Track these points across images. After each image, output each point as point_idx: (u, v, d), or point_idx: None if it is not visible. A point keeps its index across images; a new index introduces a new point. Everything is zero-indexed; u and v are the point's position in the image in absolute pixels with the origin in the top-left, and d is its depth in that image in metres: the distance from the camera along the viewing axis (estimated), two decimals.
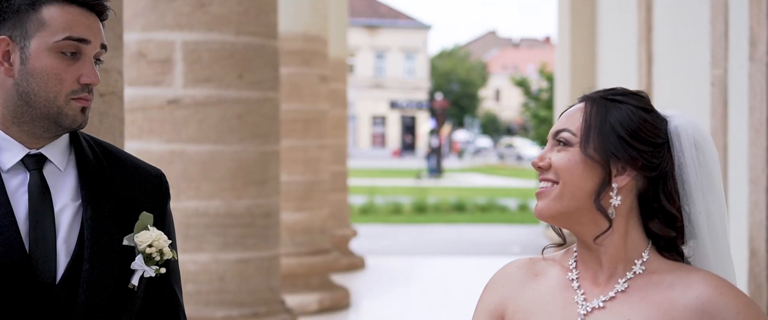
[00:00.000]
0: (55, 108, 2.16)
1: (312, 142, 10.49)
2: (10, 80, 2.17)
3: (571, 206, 2.06)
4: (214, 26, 6.52)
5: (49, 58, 2.16)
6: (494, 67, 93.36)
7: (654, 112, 2.10)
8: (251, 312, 6.63)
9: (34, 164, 2.19)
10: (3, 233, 2.12)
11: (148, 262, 2.23)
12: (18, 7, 2.17)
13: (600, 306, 2.07)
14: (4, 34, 2.17)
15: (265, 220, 6.79)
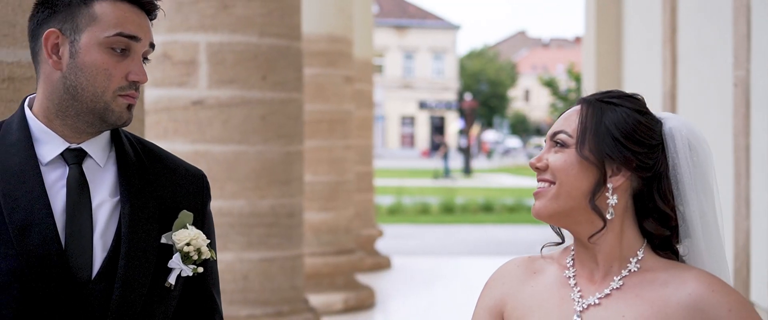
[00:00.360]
0: (102, 103, 2.16)
1: (337, 143, 10.56)
2: (57, 73, 2.17)
3: (567, 206, 2.11)
4: (238, 28, 6.58)
5: (98, 53, 2.15)
6: (523, 67, 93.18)
7: (649, 114, 2.15)
8: (275, 311, 6.69)
9: (73, 158, 2.18)
10: (39, 226, 2.11)
11: (186, 261, 2.22)
12: (69, 1, 2.17)
13: (596, 302, 2.11)
14: (54, 27, 2.16)
15: (289, 220, 6.85)
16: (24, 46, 3.03)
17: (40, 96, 2.19)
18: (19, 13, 3.03)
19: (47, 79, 2.18)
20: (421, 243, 17.95)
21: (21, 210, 2.10)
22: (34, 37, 2.20)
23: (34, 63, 2.21)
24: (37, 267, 2.09)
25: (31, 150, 2.15)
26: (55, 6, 2.17)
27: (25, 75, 3.04)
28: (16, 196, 2.11)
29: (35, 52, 2.20)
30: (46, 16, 2.17)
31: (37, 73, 2.21)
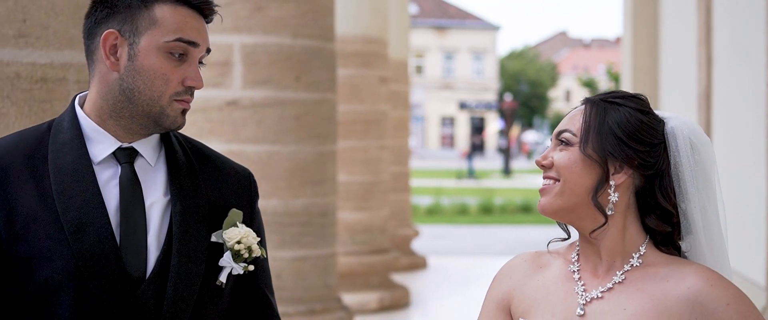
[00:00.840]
0: (158, 107, 2.15)
1: (372, 143, 10.62)
2: (113, 74, 2.16)
3: (571, 202, 2.17)
4: (271, 29, 6.67)
5: (158, 58, 2.14)
6: (564, 67, 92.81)
7: (651, 113, 2.20)
8: (308, 309, 6.77)
9: (125, 157, 2.18)
10: (94, 225, 2.11)
11: (236, 259, 2.23)
12: (129, 2, 2.15)
13: (598, 296, 2.18)
14: (113, 28, 2.15)
15: (322, 219, 6.93)
16: (57, 48, 3.12)
17: (94, 95, 2.19)
18: (52, 16, 3.12)
19: (102, 79, 2.17)
20: (458, 244, 17.98)
21: (76, 209, 2.10)
22: (90, 35, 2.19)
23: (89, 61, 2.21)
24: (93, 267, 2.09)
25: (83, 148, 2.15)
26: (114, 6, 2.16)
27: (57, 76, 3.13)
28: (71, 195, 2.11)
29: (91, 50, 2.19)
30: (105, 15, 2.16)
31: (90, 71, 2.21)
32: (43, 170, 2.12)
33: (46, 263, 2.08)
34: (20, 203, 2.09)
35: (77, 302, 2.09)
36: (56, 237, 2.09)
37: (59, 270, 2.08)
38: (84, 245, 2.09)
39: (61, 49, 3.12)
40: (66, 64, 3.13)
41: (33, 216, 2.09)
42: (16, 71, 3.06)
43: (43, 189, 2.11)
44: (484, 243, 18.17)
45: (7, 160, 2.13)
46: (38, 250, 2.08)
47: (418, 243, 16.14)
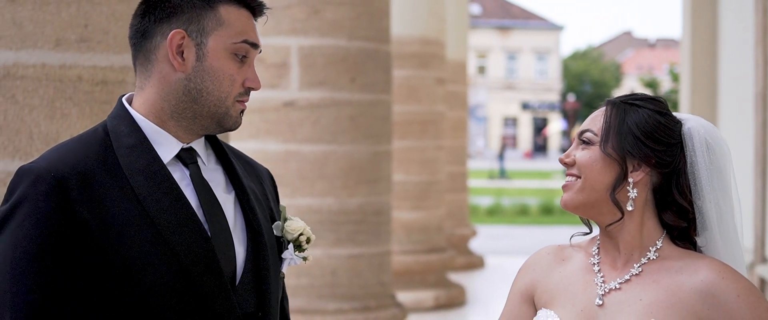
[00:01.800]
0: (223, 108, 2.14)
1: (429, 143, 10.74)
2: (177, 75, 2.14)
3: (591, 198, 2.29)
4: (327, 32, 6.81)
5: (226, 59, 2.13)
6: (629, 67, 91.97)
7: (668, 115, 2.32)
8: (362, 306, 6.90)
9: (190, 158, 2.18)
10: (188, 225, 2.10)
11: (297, 251, 2.29)
12: (193, 2, 2.13)
13: (616, 287, 2.30)
14: (180, 28, 2.13)
15: (377, 217, 7.06)
16: (116, 52, 3.29)
17: (153, 96, 2.17)
18: (112, 21, 3.29)
19: (164, 80, 2.15)
20: (517, 244, 18.00)
21: (167, 211, 2.08)
22: (146, 35, 2.16)
23: (143, 62, 2.18)
24: (196, 267, 2.09)
25: (153, 151, 2.13)
26: (176, 7, 2.14)
27: (117, 79, 3.30)
28: (157, 198, 2.09)
29: (147, 50, 2.16)
30: (165, 15, 2.14)
31: (146, 72, 2.18)
32: (120, 175, 2.09)
33: (149, 268, 2.06)
34: (111, 209, 2.06)
35: (183, 303, 2.09)
36: (154, 241, 2.07)
37: (164, 272, 2.07)
38: (182, 245, 2.08)
39: (120, 53, 3.29)
40: (125, 67, 3.30)
41: (126, 221, 2.06)
42: (78, 74, 3.23)
43: (127, 194, 2.08)
44: (543, 244, 17.99)
45: (84, 167, 2.08)
46: (139, 256, 2.06)
47: (476, 243, 16.21)
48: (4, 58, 3.18)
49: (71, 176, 2.05)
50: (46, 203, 2.03)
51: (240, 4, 2.17)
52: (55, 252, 2.03)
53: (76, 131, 3.21)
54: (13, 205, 2.05)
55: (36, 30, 3.19)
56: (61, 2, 3.21)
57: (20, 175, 2.08)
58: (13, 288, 2.02)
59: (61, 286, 2.03)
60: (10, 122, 3.18)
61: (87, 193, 2.05)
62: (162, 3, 2.14)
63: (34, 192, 2.04)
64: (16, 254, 2.02)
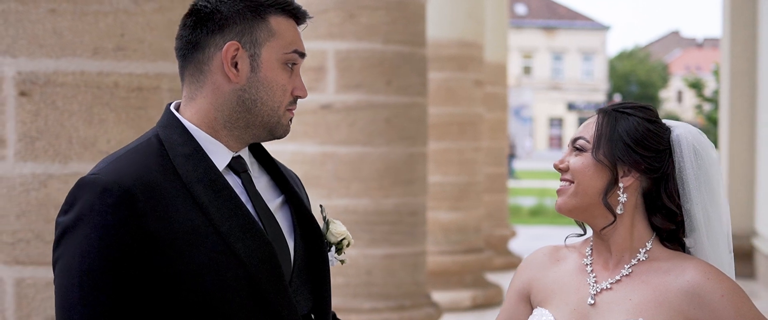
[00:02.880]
0: (276, 117, 2.17)
1: (467, 145, 10.84)
2: (231, 86, 2.16)
3: (584, 202, 2.41)
4: (363, 36, 6.94)
5: (278, 69, 2.16)
6: (676, 67, 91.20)
7: (658, 122, 2.43)
8: (397, 305, 7.02)
9: (240, 166, 2.21)
10: (250, 231, 2.12)
11: (338, 254, 2.35)
12: (244, 13, 2.16)
13: (608, 287, 2.42)
14: (234, 39, 2.16)
15: (412, 218, 7.17)
16: (151, 60, 3.45)
17: (206, 106, 2.19)
18: (147, 30, 3.45)
19: (217, 91, 2.17)
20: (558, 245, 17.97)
21: (230, 218, 2.11)
22: (199, 47, 2.18)
23: (196, 73, 2.20)
24: (258, 271, 2.11)
25: (208, 160, 2.15)
26: (228, 19, 2.16)
27: (152, 85, 3.45)
28: (219, 206, 2.11)
29: (200, 61, 2.18)
30: (217, 27, 2.16)
31: (197, 82, 2.20)
32: (180, 184, 2.11)
33: (215, 275, 2.08)
34: (177, 219, 2.08)
35: (249, 308, 2.11)
36: (220, 249, 2.09)
37: (231, 278, 2.09)
38: (249, 252, 2.10)
39: (155, 61, 3.45)
40: (160, 74, 3.46)
41: (191, 230, 2.08)
42: (115, 81, 3.39)
43: (189, 203, 2.10)
44: None
45: (148, 177, 2.09)
46: (205, 264, 2.08)
47: (516, 244, 16.26)
48: (45, 65, 3.34)
49: (137, 187, 2.06)
50: (114, 215, 2.04)
51: (287, 14, 2.20)
52: (124, 264, 2.04)
53: (113, 136, 3.37)
54: (77, 217, 2.06)
55: (75, 39, 3.35)
56: (99, 13, 3.37)
57: (83, 186, 2.09)
58: (82, 301, 2.04)
59: (130, 299, 2.05)
60: (51, 127, 3.34)
61: (153, 204, 2.07)
62: (213, 15, 2.17)
63: (100, 204, 2.05)
64: (83, 267, 2.04)
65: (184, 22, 2.23)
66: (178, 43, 2.24)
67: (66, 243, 2.07)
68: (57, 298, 2.09)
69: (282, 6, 2.20)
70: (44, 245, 3.34)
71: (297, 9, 2.22)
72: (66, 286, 2.06)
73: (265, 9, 2.17)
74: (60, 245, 2.09)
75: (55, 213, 3.30)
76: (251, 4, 2.17)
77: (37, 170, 3.34)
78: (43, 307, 3.34)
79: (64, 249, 2.08)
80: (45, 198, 3.34)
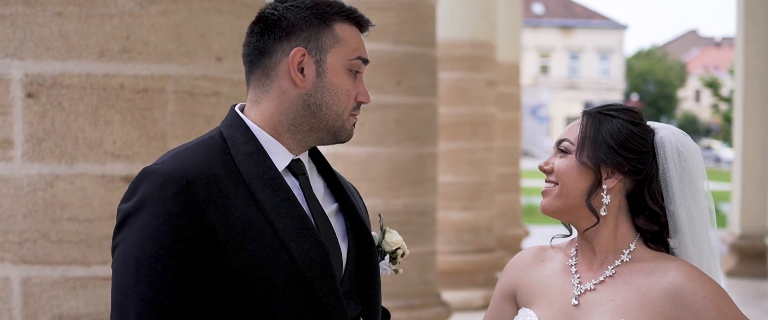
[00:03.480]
0: (340, 122, 2.23)
1: (479, 144, 10.86)
2: (297, 90, 2.21)
3: (568, 204, 2.44)
4: (373, 36, 6.86)
5: (343, 75, 2.21)
6: (694, 67, 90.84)
7: (641, 125, 2.45)
8: (406, 304, 7.05)
9: (299, 169, 2.24)
10: (305, 232, 2.16)
11: (392, 263, 2.42)
12: (310, 20, 2.21)
13: (591, 288, 2.44)
14: (300, 45, 2.21)
15: (421, 218, 7.20)
16: (156, 62, 3.47)
17: (271, 109, 2.23)
18: (152, 33, 3.48)
19: (283, 95, 2.21)
20: None
21: (285, 217, 2.14)
22: (266, 53, 2.22)
23: (262, 77, 2.24)
24: (310, 271, 2.14)
25: (269, 160, 2.19)
26: (294, 25, 2.21)
27: (157, 87, 3.48)
28: (275, 204, 2.14)
29: (267, 67, 2.22)
30: (284, 34, 2.21)
31: (263, 87, 2.24)
32: (240, 181, 2.15)
33: (267, 272, 2.11)
34: (234, 213, 2.11)
35: (298, 308, 2.14)
36: (274, 246, 2.12)
37: (283, 278, 2.12)
38: (302, 252, 2.13)
39: (160, 63, 3.49)
40: (165, 76, 3.50)
41: (247, 225, 2.11)
42: (121, 82, 3.44)
43: (248, 199, 2.13)
44: None
45: (210, 171, 2.13)
46: (258, 259, 2.11)
47: (530, 243, 16.25)
48: (52, 68, 3.39)
49: (199, 179, 2.11)
50: (175, 205, 2.08)
51: (351, 21, 2.26)
52: (182, 253, 2.08)
53: (118, 137, 3.42)
54: (138, 204, 2.10)
55: (81, 41, 3.40)
56: (105, 15, 3.42)
57: (145, 176, 2.14)
58: (138, 287, 2.07)
59: (186, 288, 2.07)
60: (57, 128, 3.39)
61: (213, 196, 2.10)
62: (280, 22, 2.22)
63: (162, 193, 2.09)
64: (142, 253, 2.08)
65: (252, 30, 2.28)
66: (246, 49, 2.29)
67: (126, 229, 2.12)
68: (114, 282, 2.13)
69: (347, 14, 2.25)
70: (50, 245, 3.39)
71: (361, 17, 2.29)
72: (124, 271, 2.10)
73: (331, 16, 2.23)
74: (120, 231, 2.14)
75: (61, 214, 3.37)
76: (317, 11, 2.22)
77: (43, 171, 3.39)
78: (49, 306, 3.39)
79: (124, 235, 2.12)
80: (51, 199, 3.39)
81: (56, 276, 3.40)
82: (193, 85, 3.55)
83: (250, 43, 2.26)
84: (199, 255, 2.09)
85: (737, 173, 13.40)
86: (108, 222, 3.41)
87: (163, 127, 3.49)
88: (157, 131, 3.48)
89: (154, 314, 2.06)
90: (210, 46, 3.60)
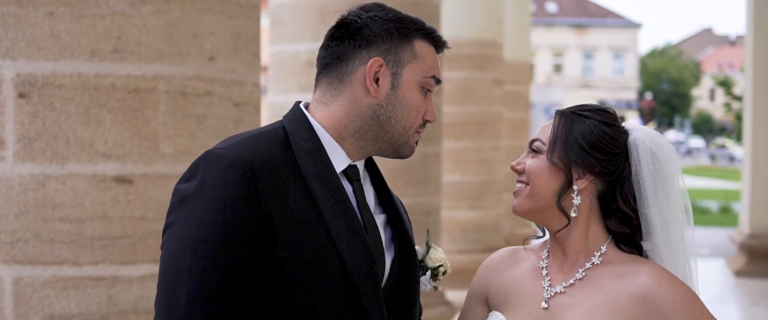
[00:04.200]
0: (405, 137, 2.24)
1: (486, 144, 10.84)
2: (369, 100, 2.22)
3: (538, 204, 2.40)
4: None
5: (416, 91, 2.23)
6: (709, 65, 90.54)
7: (614, 125, 2.42)
8: None
9: (354, 174, 2.25)
10: (355, 234, 2.17)
11: (433, 279, 2.40)
12: (391, 33, 2.23)
13: (561, 291, 2.40)
14: (378, 56, 2.22)
15: (426, 217, 7.17)
16: (148, 62, 3.47)
17: (339, 114, 2.24)
18: (144, 33, 3.47)
19: (355, 102, 2.23)
20: None
21: (339, 218, 2.15)
22: (344, 58, 2.24)
23: (335, 82, 2.25)
24: (357, 275, 2.14)
25: (328, 160, 2.21)
26: (375, 36, 2.23)
27: (148, 87, 3.47)
28: (331, 204, 2.15)
29: (342, 72, 2.23)
30: (365, 43, 2.23)
31: (335, 91, 2.25)
32: (298, 176, 2.16)
33: (315, 268, 2.12)
34: (291, 206, 2.12)
35: (341, 308, 2.14)
36: (325, 244, 2.13)
37: (328, 278, 2.13)
38: (351, 255, 2.14)
39: (151, 63, 3.48)
40: (156, 76, 3.49)
41: (302, 220, 2.13)
42: (112, 83, 3.44)
43: (305, 195, 2.15)
44: None
45: (272, 161, 2.15)
46: (308, 254, 2.12)
47: None
48: (43, 68, 3.39)
49: (262, 168, 2.12)
50: (237, 190, 2.09)
51: (430, 40, 2.27)
52: (239, 240, 2.08)
53: (110, 137, 3.42)
54: (198, 186, 2.11)
55: (73, 41, 3.40)
56: (97, 15, 3.42)
57: (208, 159, 2.14)
58: (192, 267, 2.07)
59: (239, 274, 2.08)
60: (49, 128, 3.39)
61: (273, 187, 2.12)
62: (362, 30, 2.24)
63: (224, 177, 2.10)
64: (199, 234, 2.08)
65: (332, 34, 2.29)
66: (323, 52, 2.30)
67: (183, 209, 2.12)
68: (165, 262, 2.13)
69: (427, 32, 2.27)
70: (42, 244, 3.39)
71: (440, 37, 2.30)
72: (177, 252, 2.11)
73: (412, 32, 2.24)
74: (175, 211, 2.14)
75: (52, 214, 3.38)
76: (399, 25, 2.24)
77: (35, 171, 3.39)
78: (40, 306, 3.39)
79: (180, 216, 2.12)
80: (43, 199, 3.39)
81: (47, 276, 3.40)
82: (185, 85, 3.55)
83: (329, 46, 2.28)
84: (254, 243, 2.09)
85: (747, 172, 13.33)
86: (99, 222, 3.42)
87: (154, 127, 3.49)
88: (148, 131, 3.48)
89: (205, 297, 2.07)
90: (202, 46, 3.59)
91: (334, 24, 2.30)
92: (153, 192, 3.49)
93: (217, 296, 2.07)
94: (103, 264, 3.43)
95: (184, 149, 3.54)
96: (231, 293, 2.08)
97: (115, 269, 3.44)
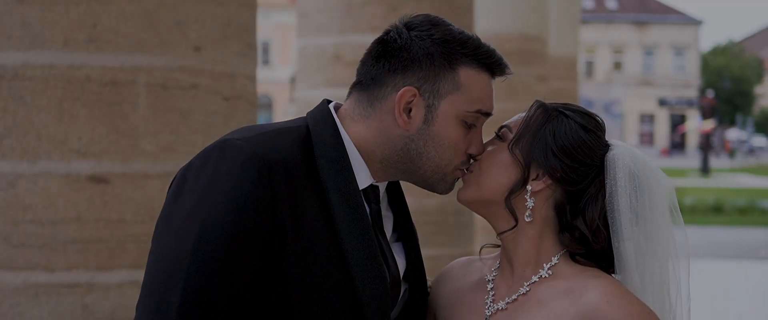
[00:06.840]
0: (439, 175, 2.03)
1: None
2: (399, 131, 2.00)
3: (484, 196, 2.09)
4: None
5: (455, 126, 2.00)
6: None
7: (595, 134, 2.10)
8: None
9: (374, 196, 2.06)
10: (371, 259, 1.98)
11: None
12: (433, 57, 1.99)
13: (503, 307, 2.10)
14: (412, 85, 1.99)
15: (457, 218, 6.90)
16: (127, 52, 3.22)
17: (367, 135, 2.03)
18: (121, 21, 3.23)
19: (384, 131, 2.02)
20: None
21: (356, 238, 1.97)
22: (378, 81, 2.02)
23: (367, 103, 2.05)
24: (368, 303, 1.97)
25: (352, 174, 2.00)
26: (414, 60, 2.00)
27: (127, 79, 3.23)
28: (349, 221, 1.97)
29: (374, 97, 2.02)
30: (401, 67, 2.01)
31: (365, 111, 2.05)
32: (318, 186, 1.97)
33: (322, 292, 1.95)
34: (306, 217, 1.94)
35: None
36: (338, 266, 1.96)
37: (336, 301, 1.95)
38: (363, 280, 1.96)
39: (131, 53, 3.23)
40: (136, 68, 3.24)
41: (317, 236, 1.95)
42: (87, 74, 3.19)
43: (323, 207, 1.96)
44: None
45: (292, 163, 1.95)
46: (317, 276, 1.94)
47: None
48: (13, 58, 3.16)
49: (281, 169, 1.91)
50: (252, 191, 1.88)
51: (482, 67, 2.03)
52: (247, 246, 1.88)
53: (84, 133, 3.17)
54: (210, 178, 1.90)
55: (44, 30, 3.16)
56: (70, 2, 3.18)
57: (226, 147, 1.93)
58: (191, 270, 1.86)
59: (241, 285, 1.89)
60: (19, 123, 3.16)
61: (290, 192, 1.92)
62: (400, 52, 2.01)
63: (240, 174, 1.89)
64: (204, 233, 1.87)
65: (371, 49, 2.08)
66: (360, 68, 2.09)
67: (187, 201, 1.90)
68: (157, 258, 1.91)
69: (479, 57, 2.03)
70: (12, 248, 3.16)
71: (496, 62, 2.06)
72: (175, 250, 1.88)
73: (459, 57, 2.00)
74: (177, 200, 1.92)
75: (23, 215, 3.15)
76: (445, 48, 2.00)
77: (4, 169, 3.17)
78: (10, 314, 3.17)
79: (183, 208, 1.90)
80: (13, 199, 3.16)
81: (18, 282, 3.17)
82: (167, 77, 3.29)
83: (366, 63, 2.06)
84: (262, 253, 1.89)
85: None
86: (73, 225, 3.18)
87: (133, 123, 3.24)
88: (127, 127, 3.23)
89: (201, 301, 1.85)
90: (187, 36, 3.33)
91: (377, 38, 2.07)
92: (131, 192, 3.23)
93: (214, 308, 1.86)
94: (78, 270, 3.19)
95: (166, 146, 3.28)
96: (230, 302, 1.87)
97: (90, 275, 3.19)
